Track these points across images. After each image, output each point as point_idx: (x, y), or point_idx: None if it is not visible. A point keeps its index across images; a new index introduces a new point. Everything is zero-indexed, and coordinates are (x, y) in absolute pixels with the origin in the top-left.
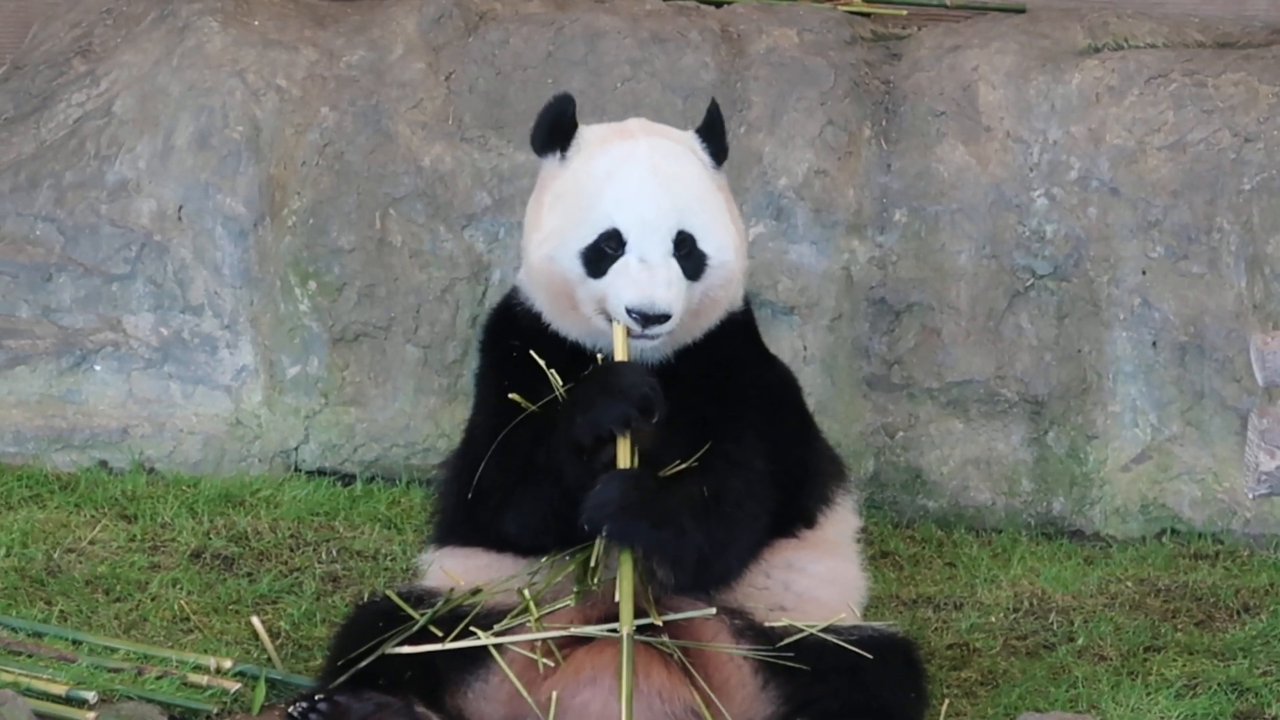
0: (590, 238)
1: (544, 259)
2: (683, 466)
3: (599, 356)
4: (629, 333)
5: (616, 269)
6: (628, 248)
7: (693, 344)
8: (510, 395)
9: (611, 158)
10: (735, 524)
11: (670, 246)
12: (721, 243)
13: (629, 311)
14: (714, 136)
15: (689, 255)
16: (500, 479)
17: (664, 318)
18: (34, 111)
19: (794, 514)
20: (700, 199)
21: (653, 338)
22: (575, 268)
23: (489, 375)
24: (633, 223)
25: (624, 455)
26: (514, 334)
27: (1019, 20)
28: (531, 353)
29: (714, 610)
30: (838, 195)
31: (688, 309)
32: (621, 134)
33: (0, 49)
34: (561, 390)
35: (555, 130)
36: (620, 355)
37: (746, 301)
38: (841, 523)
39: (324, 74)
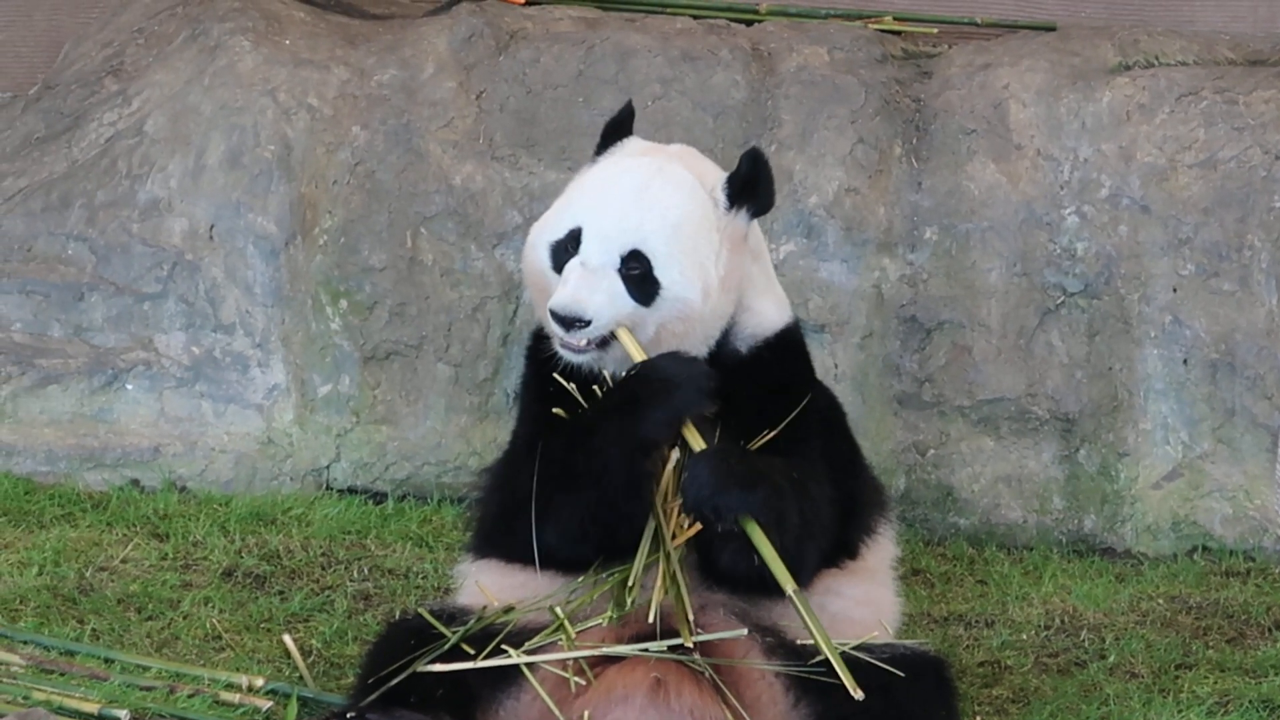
0: (560, 234)
1: (529, 245)
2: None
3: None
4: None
5: (566, 268)
6: (580, 250)
7: (747, 362)
8: (554, 410)
9: (619, 168)
10: (815, 520)
11: (616, 260)
12: (684, 278)
13: (551, 311)
14: (735, 181)
15: (642, 278)
16: (538, 488)
17: (582, 323)
18: (65, 131)
19: (839, 546)
20: (676, 229)
21: (576, 347)
22: (545, 259)
23: (531, 382)
24: (592, 227)
25: (697, 439)
26: None
27: (1049, 38)
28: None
29: (745, 630)
30: (868, 213)
31: (637, 331)
32: (648, 152)
33: (32, 68)
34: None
35: (608, 134)
36: (634, 352)
37: (797, 323)
38: (881, 551)
39: (355, 93)
